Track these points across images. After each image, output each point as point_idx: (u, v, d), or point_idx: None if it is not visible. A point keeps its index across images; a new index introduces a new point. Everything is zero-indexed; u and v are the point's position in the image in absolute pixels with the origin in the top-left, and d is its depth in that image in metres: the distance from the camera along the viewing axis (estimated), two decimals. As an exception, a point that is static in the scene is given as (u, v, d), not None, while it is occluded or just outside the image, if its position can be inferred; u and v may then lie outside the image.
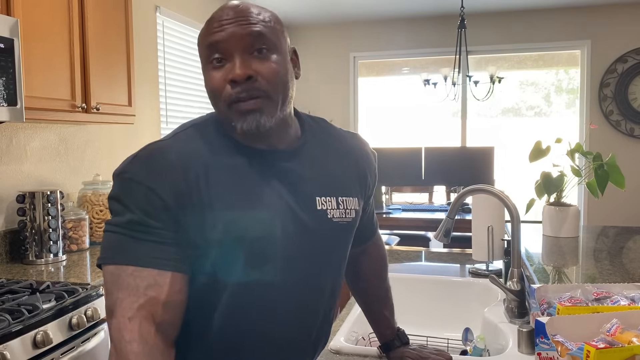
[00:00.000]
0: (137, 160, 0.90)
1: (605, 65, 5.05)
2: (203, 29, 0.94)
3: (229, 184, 0.91)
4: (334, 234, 1.01)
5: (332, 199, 1.00)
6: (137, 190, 0.87)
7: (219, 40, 0.90)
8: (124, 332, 0.82)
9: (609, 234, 2.23)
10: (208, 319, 0.94)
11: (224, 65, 0.91)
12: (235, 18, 0.90)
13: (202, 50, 0.94)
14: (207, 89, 0.94)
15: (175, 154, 0.90)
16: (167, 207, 0.87)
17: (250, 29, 0.90)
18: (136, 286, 0.84)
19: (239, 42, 0.89)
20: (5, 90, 1.78)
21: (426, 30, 5.45)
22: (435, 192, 5.36)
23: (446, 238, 1.59)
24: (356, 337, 1.51)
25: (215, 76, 0.91)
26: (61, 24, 2.14)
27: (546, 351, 0.97)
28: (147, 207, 0.87)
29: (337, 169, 1.03)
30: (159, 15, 3.55)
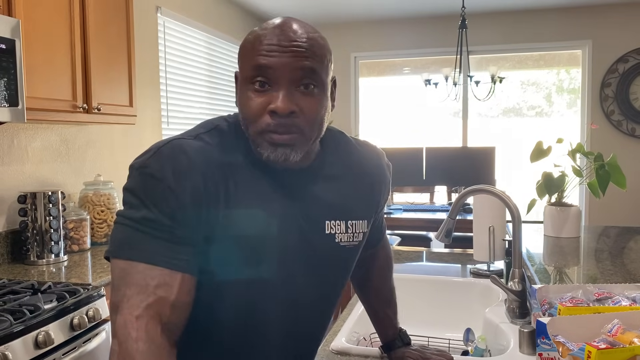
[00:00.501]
0: (160, 156, 0.87)
1: (606, 65, 5.05)
2: (251, 42, 0.89)
3: (244, 195, 0.90)
4: (340, 257, 1.02)
5: (342, 222, 0.99)
6: (156, 187, 0.85)
7: (269, 66, 0.86)
8: (131, 330, 0.79)
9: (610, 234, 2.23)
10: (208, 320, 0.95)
11: (267, 91, 0.88)
12: (291, 46, 0.86)
13: (245, 67, 0.89)
14: (242, 109, 0.91)
15: (198, 156, 0.88)
16: (184, 209, 0.86)
17: (304, 63, 0.87)
18: (146, 284, 0.82)
19: (290, 73, 0.87)
20: (6, 91, 1.79)
21: (427, 30, 5.45)
22: (437, 192, 5.36)
23: (447, 238, 1.59)
24: (357, 337, 1.51)
25: (256, 100, 0.88)
26: (62, 24, 2.14)
27: (547, 352, 0.97)
28: (164, 206, 0.85)
29: (351, 191, 1.02)
30: (159, 15, 3.56)
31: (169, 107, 3.67)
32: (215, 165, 0.89)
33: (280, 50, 0.86)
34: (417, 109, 5.63)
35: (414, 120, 5.66)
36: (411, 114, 5.66)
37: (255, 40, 0.88)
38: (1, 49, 1.77)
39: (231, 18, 4.78)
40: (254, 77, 0.88)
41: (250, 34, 0.91)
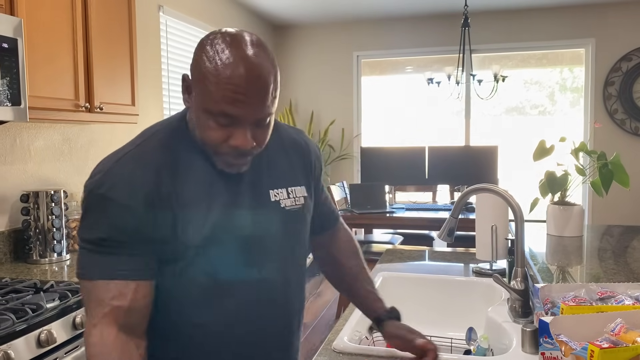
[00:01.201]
0: (110, 175, 0.96)
1: (609, 64, 5.03)
2: (215, 77, 0.92)
3: (196, 190, 0.99)
4: (288, 220, 1.11)
5: (283, 190, 1.11)
6: (110, 207, 0.94)
7: (235, 115, 0.93)
8: (89, 337, 0.93)
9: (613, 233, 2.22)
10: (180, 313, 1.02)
11: (229, 127, 0.95)
12: (254, 95, 0.93)
13: (208, 101, 0.93)
14: (201, 133, 0.97)
15: (145, 165, 0.97)
16: (141, 220, 0.95)
17: (266, 111, 0.95)
18: (102, 298, 0.94)
19: (252, 118, 0.95)
20: (9, 90, 1.79)
21: (430, 29, 5.44)
22: (439, 191, 5.35)
23: (450, 237, 1.58)
24: (359, 336, 1.51)
25: (218, 132, 0.95)
26: (65, 23, 2.15)
27: (550, 351, 0.97)
28: (119, 223, 0.94)
29: (285, 163, 1.14)
30: (162, 14, 3.56)
31: (171, 106, 3.68)
32: (163, 167, 0.97)
33: (247, 101, 0.92)
34: (419, 108, 5.62)
35: (416, 119, 5.65)
36: (414, 113, 5.65)
37: (220, 81, 0.92)
38: (4, 48, 1.77)
39: (233, 17, 4.77)
40: (218, 115, 0.94)
41: (213, 63, 0.92)
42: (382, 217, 4.08)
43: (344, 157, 5.70)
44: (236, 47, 0.93)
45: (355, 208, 4.17)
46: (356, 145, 5.69)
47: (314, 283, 5.25)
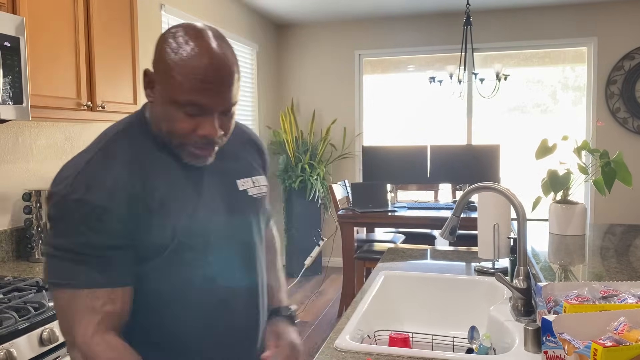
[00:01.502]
0: (82, 178, 0.95)
1: (612, 62, 5.02)
2: (183, 69, 0.95)
3: (167, 186, 1.01)
4: (255, 206, 1.17)
5: (248, 179, 1.16)
6: (89, 210, 0.93)
7: (203, 104, 0.97)
8: (94, 347, 0.92)
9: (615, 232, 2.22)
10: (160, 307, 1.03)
11: (197, 116, 0.98)
12: (221, 83, 0.96)
13: (175, 92, 0.96)
14: (169, 125, 0.99)
15: (116, 166, 0.97)
16: (122, 221, 0.95)
17: (232, 100, 1.00)
18: (93, 306, 0.94)
19: (219, 107, 0.98)
20: (11, 89, 1.79)
21: (432, 28, 5.44)
22: (441, 190, 5.35)
23: (452, 236, 1.58)
24: (361, 335, 1.51)
25: (186, 122, 0.98)
26: (66, 22, 2.15)
27: (553, 349, 0.97)
28: (100, 227, 0.94)
29: (245, 156, 1.20)
30: (163, 13, 3.56)
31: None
32: (133, 167, 0.99)
33: (212, 88, 0.96)
34: (421, 107, 5.61)
35: (418, 118, 5.64)
36: (415, 111, 5.65)
37: (188, 72, 0.95)
38: (6, 46, 1.77)
39: (234, 15, 4.77)
40: (185, 105, 0.97)
41: (179, 56, 0.96)
42: (384, 216, 4.08)
43: (346, 156, 5.70)
44: (200, 39, 0.97)
45: (357, 207, 4.17)
46: (358, 144, 5.68)
47: (315, 282, 5.25)
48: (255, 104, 5.24)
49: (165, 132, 1.01)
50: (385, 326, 1.73)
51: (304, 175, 5.29)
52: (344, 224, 4.14)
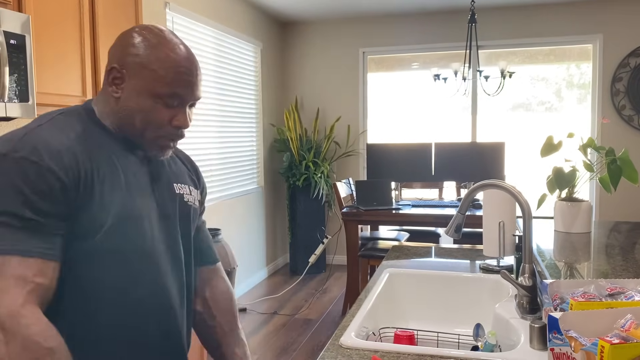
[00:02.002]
0: (29, 139, 0.93)
1: (617, 60, 5.00)
2: (164, 64, 1.02)
3: (110, 169, 1.02)
4: (190, 213, 1.19)
5: (185, 186, 1.20)
6: (31, 170, 0.90)
7: (183, 95, 1.04)
8: (19, 318, 0.86)
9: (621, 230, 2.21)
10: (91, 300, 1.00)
11: (174, 108, 1.05)
12: (196, 75, 1.06)
13: (156, 85, 1.02)
14: (145, 117, 1.03)
15: (67, 133, 0.99)
16: (64, 188, 0.93)
17: (200, 95, 1.09)
18: (24, 275, 0.88)
19: (193, 98, 1.07)
20: (17, 87, 1.80)
21: (436, 25, 5.43)
22: (445, 188, 5.34)
23: (457, 234, 1.58)
24: (366, 332, 1.51)
25: (164, 114, 1.04)
26: (72, 20, 2.15)
27: (559, 347, 0.97)
28: (42, 188, 0.91)
29: (184, 170, 1.24)
30: (168, 11, 3.56)
31: (177, 103, 3.68)
32: (82, 141, 1.00)
33: (192, 81, 1.05)
34: (426, 105, 5.61)
35: (422, 115, 5.63)
36: (420, 109, 5.64)
37: (169, 65, 1.02)
38: (12, 44, 1.77)
39: (238, 13, 4.77)
40: (168, 96, 1.03)
41: (154, 48, 1.03)
42: (388, 213, 4.08)
43: (350, 153, 5.70)
44: (171, 36, 1.07)
45: (361, 205, 4.17)
46: (362, 142, 5.68)
47: (319, 280, 5.26)
48: (259, 102, 5.24)
49: (138, 126, 1.04)
50: (390, 323, 1.73)
51: (308, 173, 5.29)
52: (348, 221, 4.14)
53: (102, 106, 1.08)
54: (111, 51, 1.08)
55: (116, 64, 1.04)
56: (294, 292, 4.85)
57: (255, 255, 5.14)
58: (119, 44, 1.06)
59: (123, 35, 1.07)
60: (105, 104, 1.07)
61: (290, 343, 3.67)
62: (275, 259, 5.64)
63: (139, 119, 1.04)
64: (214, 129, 4.32)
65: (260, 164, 5.30)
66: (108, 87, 1.06)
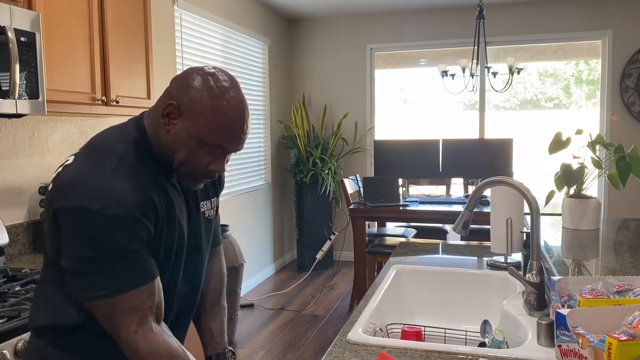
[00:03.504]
0: (113, 194, 1.00)
1: (627, 56, 4.96)
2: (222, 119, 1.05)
3: (166, 201, 1.11)
4: (209, 227, 1.29)
5: (208, 201, 1.28)
6: (125, 222, 1.00)
7: (229, 151, 1.10)
8: (138, 350, 1.02)
9: (629, 227, 2.20)
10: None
11: (213, 154, 1.10)
12: (245, 133, 1.10)
13: (211, 137, 1.06)
14: (186, 158, 1.09)
15: (137, 182, 1.05)
16: (149, 230, 1.05)
17: (243, 147, 1.14)
18: (134, 306, 1.02)
19: (234, 151, 1.12)
20: (27, 84, 1.81)
21: (444, 21, 5.40)
22: (453, 185, 5.33)
23: (465, 230, 1.58)
24: (374, 328, 1.51)
25: (205, 159, 1.09)
26: (81, 17, 2.16)
27: (567, 343, 0.97)
28: (136, 236, 1.02)
29: None
30: (176, 8, 3.57)
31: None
32: (148, 185, 1.07)
33: (241, 138, 1.10)
34: (433, 101, 5.59)
35: (430, 112, 5.62)
36: (428, 105, 5.63)
37: (225, 121, 1.06)
38: (22, 42, 1.79)
39: (247, 10, 4.78)
40: (214, 147, 1.07)
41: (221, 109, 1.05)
42: (396, 210, 4.08)
43: (357, 150, 5.70)
44: (235, 90, 1.08)
45: (369, 201, 4.18)
46: (369, 139, 5.68)
47: (326, 276, 5.26)
48: (267, 99, 5.25)
49: (177, 161, 1.09)
50: (397, 320, 1.73)
51: (315, 170, 5.30)
52: (355, 218, 4.14)
53: (152, 129, 1.11)
54: (173, 84, 1.10)
55: (174, 101, 1.06)
56: (301, 288, 4.86)
57: (263, 251, 5.16)
58: (183, 80, 1.08)
59: (189, 73, 1.08)
60: (155, 131, 1.11)
61: (298, 339, 3.68)
62: (282, 255, 5.66)
63: (181, 156, 1.08)
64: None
65: (268, 161, 5.31)
66: (161, 119, 1.08)
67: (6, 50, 1.71)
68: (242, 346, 3.56)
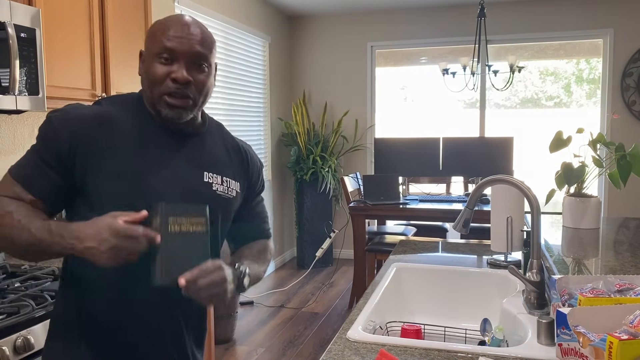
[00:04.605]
0: (63, 107, 1.15)
1: (628, 55, 4.96)
2: (160, 29, 1.15)
3: (129, 144, 1.13)
4: (218, 203, 1.22)
5: (218, 176, 1.23)
6: (47, 127, 1.11)
7: (172, 49, 1.12)
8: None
9: (630, 226, 2.20)
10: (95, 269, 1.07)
11: (169, 64, 1.13)
12: (189, 35, 1.14)
13: (153, 44, 1.14)
14: (149, 75, 1.15)
15: (91, 112, 1.14)
16: (62, 150, 1.09)
17: (198, 50, 1.14)
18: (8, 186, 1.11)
19: (188, 55, 1.13)
20: (27, 80, 1.81)
21: (445, 19, 5.40)
22: (453, 183, 5.33)
23: (465, 228, 1.58)
24: (374, 326, 1.51)
25: (161, 69, 1.13)
26: (81, 14, 2.16)
27: (567, 342, 0.97)
28: (48, 143, 1.10)
29: (224, 157, 1.28)
30: (177, 5, 3.56)
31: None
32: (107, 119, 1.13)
33: (184, 36, 1.13)
34: (434, 99, 5.59)
35: (430, 110, 5.62)
36: (428, 103, 5.62)
37: (163, 28, 1.14)
38: (22, 38, 1.78)
39: (247, 6, 4.77)
40: (160, 53, 1.13)
41: (158, 22, 1.17)
42: (396, 208, 4.08)
43: (358, 148, 5.69)
44: (182, 15, 1.18)
45: (369, 199, 4.17)
46: (370, 136, 5.67)
47: (326, 274, 5.27)
48: (267, 96, 5.24)
49: (150, 90, 1.15)
50: (397, 318, 1.73)
51: (315, 167, 5.29)
52: (355, 216, 4.14)
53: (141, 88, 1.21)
54: None
55: (142, 48, 1.18)
56: (301, 286, 4.86)
57: (262, 248, 5.15)
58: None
59: None
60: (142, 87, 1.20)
61: (297, 336, 3.69)
62: (282, 253, 5.66)
63: (146, 81, 1.16)
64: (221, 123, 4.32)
65: (268, 158, 5.30)
66: (139, 69, 1.20)
67: (6, 46, 1.71)
68: (242, 343, 3.57)
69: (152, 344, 1.19)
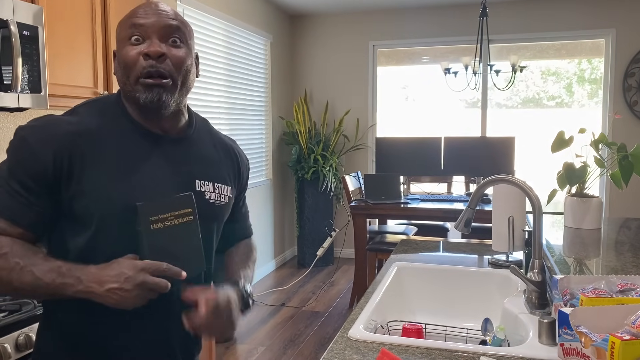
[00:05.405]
0: (36, 123, 1.04)
1: (630, 55, 4.95)
2: (128, 14, 1.09)
3: (113, 158, 1.05)
4: (211, 211, 1.16)
5: (210, 183, 1.17)
6: (25, 149, 1.01)
7: (142, 24, 1.06)
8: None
9: (631, 226, 2.20)
10: None
11: (141, 43, 1.06)
12: (157, 11, 1.08)
13: (123, 30, 1.08)
14: (121, 63, 1.08)
15: (70, 127, 1.04)
16: (46, 173, 1.00)
17: (169, 22, 1.08)
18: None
19: (158, 28, 1.07)
20: (29, 78, 1.81)
21: (447, 19, 5.39)
22: (454, 183, 5.32)
23: (466, 228, 1.58)
24: (375, 325, 1.51)
25: (132, 50, 1.06)
26: (84, 12, 2.16)
27: (569, 342, 0.97)
28: (28, 167, 1.00)
29: (215, 160, 1.21)
30: (179, 3, 3.56)
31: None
32: (87, 132, 1.04)
33: (151, 13, 1.07)
34: (435, 98, 5.58)
35: (432, 109, 5.61)
36: (430, 103, 5.62)
37: (131, 13, 1.09)
38: (24, 35, 1.78)
39: (249, 5, 4.77)
40: (130, 35, 1.07)
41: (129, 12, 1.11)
42: (397, 207, 4.08)
43: (359, 147, 5.69)
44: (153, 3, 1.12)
45: (370, 198, 4.17)
46: (371, 136, 5.67)
47: (327, 273, 5.27)
48: (269, 95, 5.24)
49: (125, 77, 1.07)
50: (398, 317, 1.73)
51: (316, 166, 5.29)
52: (356, 215, 4.14)
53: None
54: None
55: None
56: (302, 285, 4.86)
57: (264, 247, 5.16)
58: None
59: None
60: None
61: (298, 335, 3.69)
62: (283, 252, 5.66)
63: (120, 71, 1.08)
64: (223, 122, 4.33)
65: (269, 157, 5.30)
66: (114, 67, 1.13)
67: (9, 43, 1.71)
68: (243, 342, 3.57)
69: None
